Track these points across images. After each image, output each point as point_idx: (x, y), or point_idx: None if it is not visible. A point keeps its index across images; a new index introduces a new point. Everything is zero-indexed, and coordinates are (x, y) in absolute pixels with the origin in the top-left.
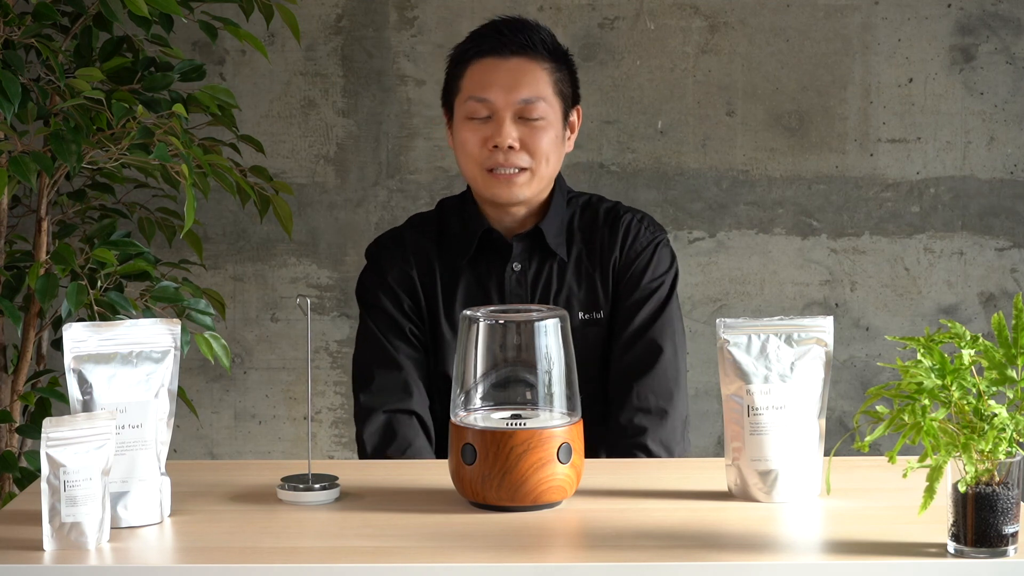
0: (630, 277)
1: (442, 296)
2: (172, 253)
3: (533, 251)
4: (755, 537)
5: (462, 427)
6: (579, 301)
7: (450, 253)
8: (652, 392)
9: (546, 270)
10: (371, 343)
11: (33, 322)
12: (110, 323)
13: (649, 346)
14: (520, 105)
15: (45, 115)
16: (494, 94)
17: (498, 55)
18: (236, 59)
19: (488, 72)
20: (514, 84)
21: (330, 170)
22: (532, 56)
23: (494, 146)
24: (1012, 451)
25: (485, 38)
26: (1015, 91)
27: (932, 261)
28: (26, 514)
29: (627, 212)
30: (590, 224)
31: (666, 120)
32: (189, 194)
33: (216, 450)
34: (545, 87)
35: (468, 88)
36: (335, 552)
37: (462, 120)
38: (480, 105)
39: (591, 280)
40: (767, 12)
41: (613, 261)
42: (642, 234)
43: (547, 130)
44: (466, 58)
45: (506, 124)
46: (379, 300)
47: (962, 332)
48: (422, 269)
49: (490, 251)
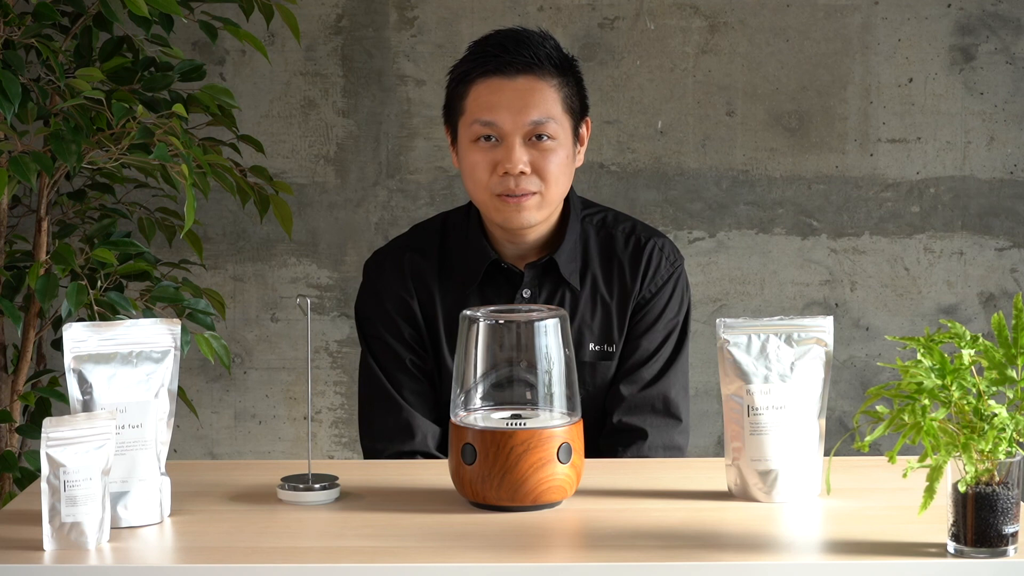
0: (648, 311)
1: (444, 325)
2: (172, 253)
3: (545, 278)
4: (755, 537)
5: (462, 427)
6: (592, 333)
7: (453, 280)
8: (663, 447)
9: (557, 299)
10: (371, 382)
11: (33, 322)
12: (110, 323)
13: (661, 395)
14: (529, 127)
15: (45, 115)
16: (501, 117)
17: (503, 75)
18: (236, 59)
19: (494, 93)
20: (522, 106)
21: (330, 170)
22: (539, 74)
23: (504, 172)
24: (1012, 451)
25: (488, 57)
26: (1015, 91)
27: (932, 261)
28: (26, 514)
29: (648, 240)
30: (606, 248)
31: (666, 120)
32: (189, 194)
33: (216, 450)
34: (554, 105)
35: (473, 111)
36: (335, 552)
37: (468, 144)
38: (487, 128)
39: (607, 310)
40: (767, 12)
41: (633, 294)
42: (664, 265)
43: (557, 151)
44: (469, 78)
45: (516, 149)
46: (378, 331)
47: (962, 332)
48: (422, 297)
49: (499, 277)
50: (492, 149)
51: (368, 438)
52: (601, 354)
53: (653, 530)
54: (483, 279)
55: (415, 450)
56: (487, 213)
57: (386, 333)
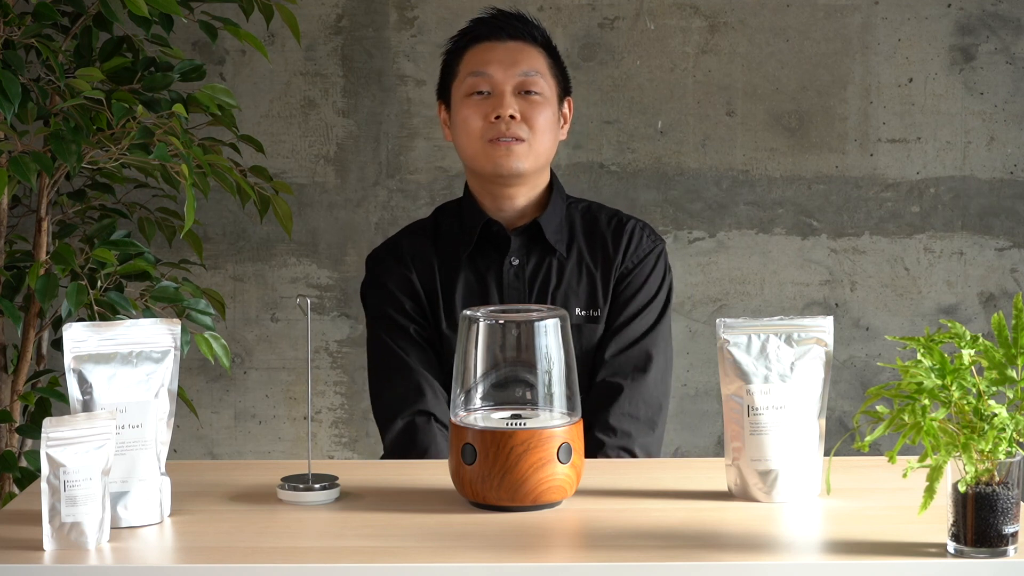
0: (631, 281)
1: (442, 294)
2: (172, 253)
3: (532, 246)
4: (755, 537)
5: (462, 427)
6: (578, 298)
7: (448, 250)
8: (643, 400)
9: (545, 265)
10: (379, 351)
11: (33, 322)
12: (110, 323)
13: (643, 354)
14: (520, 78)
15: (45, 115)
16: (493, 69)
17: (495, 39)
18: (236, 59)
19: (487, 52)
20: (512, 61)
21: (330, 170)
22: (528, 41)
23: (496, 117)
24: (1012, 451)
25: (481, 24)
26: (1015, 91)
27: (932, 261)
28: (26, 514)
29: (629, 220)
30: (591, 226)
31: (666, 120)
32: (189, 194)
33: (216, 450)
34: (542, 66)
35: (467, 67)
36: (335, 552)
37: (461, 99)
38: (480, 80)
39: (591, 278)
40: (767, 12)
41: (616, 263)
42: (645, 241)
43: (545, 106)
44: (462, 44)
45: (507, 96)
46: (381, 307)
47: (962, 332)
48: (421, 271)
49: (488, 246)
50: (484, 101)
51: (381, 402)
52: (587, 317)
53: (653, 530)
54: (474, 249)
55: (427, 410)
56: (478, 163)
57: (390, 308)
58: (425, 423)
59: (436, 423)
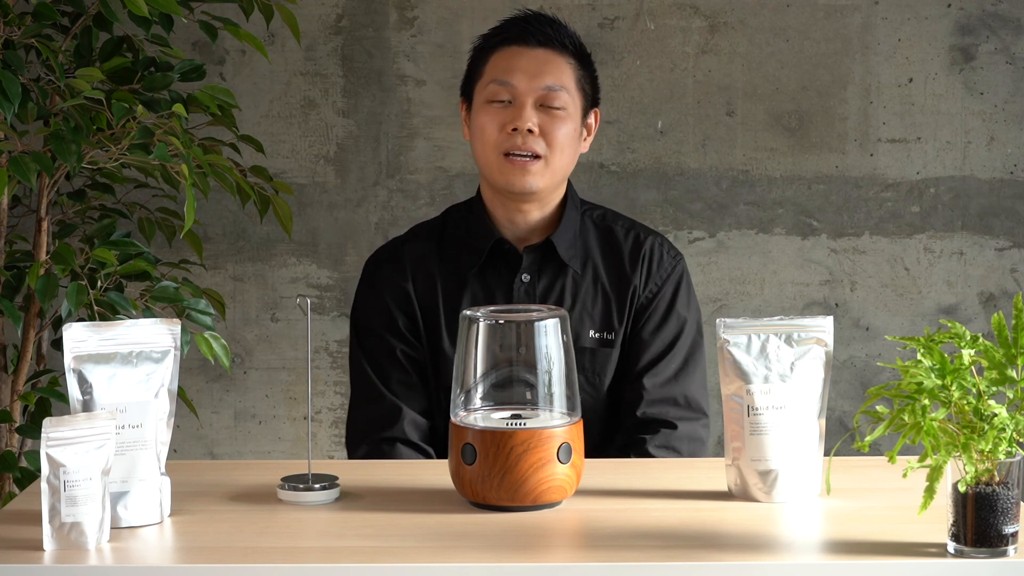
0: (656, 307)
1: (443, 307)
2: (172, 253)
3: (544, 262)
4: (755, 537)
5: (462, 427)
6: (592, 320)
7: (454, 262)
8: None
9: (558, 284)
10: (359, 372)
11: (33, 322)
12: (110, 323)
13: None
14: (543, 92)
15: (45, 115)
16: (517, 79)
17: (524, 44)
18: (236, 59)
19: (512, 58)
20: (538, 71)
21: (330, 170)
22: (558, 49)
23: (513, 129)
24: (1012, 451)
25: (512, 26)
26: (1015, 91)
27: (932, 261)
28: (26, 514)
29: (647, 237)
30: (606, 240)
31: (666, 120)
32: (189, 194)
33: (216, 450)
34: (568, 79)
35: (491, 72)
36: (335, 552)
37: (482, 104)
38: (502, 88)
39: (607, 299)
40: (767, 12)
41: (634, 286)
42: (665, 260)
43: (566, 121)
44: (490, 45)
45: (527, 108)
46: (371, 322)
47: (962, 332)
48: (420, 281)
49: (498, 261)
50: (504, 110)
51: (352, 425)
52: (601, 341)
53: (653, 530)
54: (484, 263)
55: (395, 437)
56: (491, 176)
57: (378, 325)
58: (390, 449)
59: (406, 446)
